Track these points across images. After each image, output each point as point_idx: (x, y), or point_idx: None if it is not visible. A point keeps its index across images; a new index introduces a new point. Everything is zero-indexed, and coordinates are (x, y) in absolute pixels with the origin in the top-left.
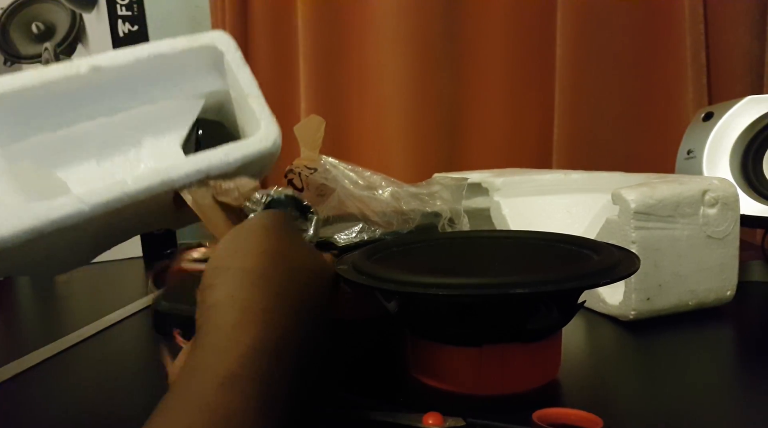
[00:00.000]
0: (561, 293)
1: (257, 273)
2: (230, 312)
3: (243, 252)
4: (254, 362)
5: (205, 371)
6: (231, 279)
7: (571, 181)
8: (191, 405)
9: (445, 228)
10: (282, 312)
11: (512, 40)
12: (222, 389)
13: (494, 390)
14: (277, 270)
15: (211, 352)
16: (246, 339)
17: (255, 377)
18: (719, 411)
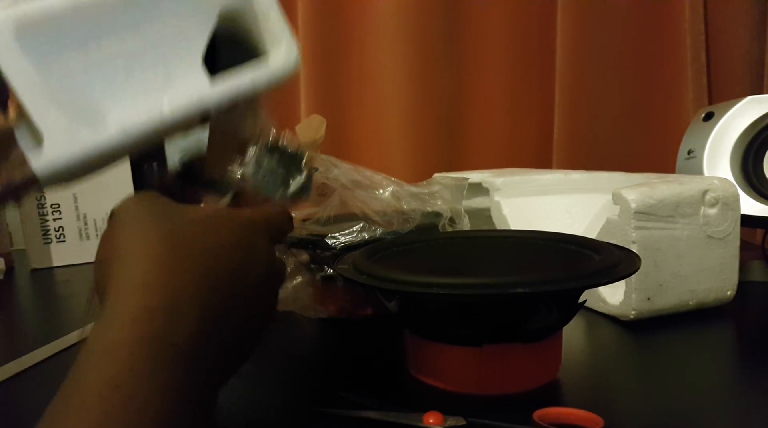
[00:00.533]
0: (561, 293)
1: (137, 250)
2: (115, 292)
3: (119, 238)
4: (140, 324)
5: (90, 346)
6: (111, 266)
7: (572, 180)
8: (75, 385)
9: (446, 228)
10: (164, 278)
11: (512, 40)
12: (105, 357)
13: (495, 390)
14: (161, 242)
15: (97, 329)
16: (128, 308)
17: (136, 340)
18: (719, 410)
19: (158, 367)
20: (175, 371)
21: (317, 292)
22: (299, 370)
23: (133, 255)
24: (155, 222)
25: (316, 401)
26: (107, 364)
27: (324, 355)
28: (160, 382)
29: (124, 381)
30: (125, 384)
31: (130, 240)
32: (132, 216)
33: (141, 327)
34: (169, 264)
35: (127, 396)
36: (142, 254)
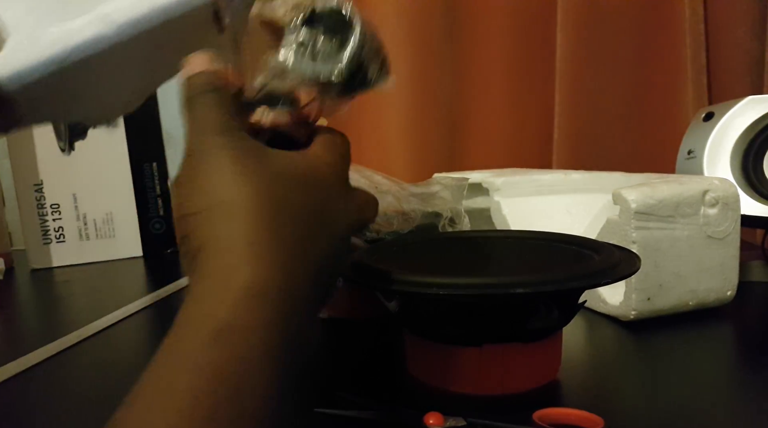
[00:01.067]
0: (561, 293)
1: (236, 205)
2: (215, 255)
3: (209, 188)
4: (248, 308)
5: (194, 322)
6: (205, 221)
7: (572, 180)
8: (177, 364)
9: (446, 228)
10: (274, 245)
11: (512, 40)
12: (212, 343)
13: (494, 390)
14: (258, 201)
15: (200, 303)
16: (236, 283)
17: (249, 326)
18: (720, 410)
19: (268, 356)
20: (282, 357)
21: None
22: (299, 370)
23: (235, 212)
24: (250, 168)
25: (315, 401)
26: (218, 351)
27: (324, 355)
28: (268, 372)
29: (234, 372)
30: (235, 376)
31: (227, 190)
32: (222, 158)
33: (254, 313)
34: (276, 228)
35: (234, 389)
36: (245, 211)
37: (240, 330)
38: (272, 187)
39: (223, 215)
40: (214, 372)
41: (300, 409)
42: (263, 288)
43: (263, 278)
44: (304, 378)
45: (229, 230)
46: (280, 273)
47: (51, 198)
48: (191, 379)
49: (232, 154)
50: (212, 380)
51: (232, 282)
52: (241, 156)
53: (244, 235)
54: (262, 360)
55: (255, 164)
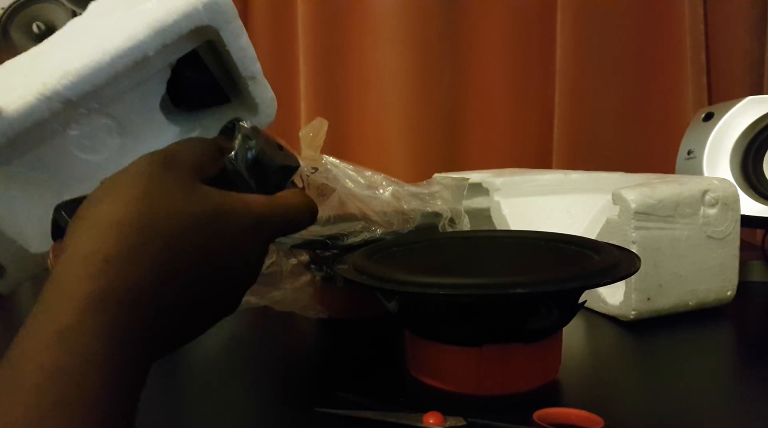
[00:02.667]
0: (561, 293)
1: (107, 222)
2: (72, 263)
3: (106, 198)
4: (91, 313)
5: (39, 325)
6: (81, 228)
7: (571, 181)
8: (22, 362)
9: (446, 228)
10: (134, 262)
11: (512, 40)
12: (53, 342)
13: (495, 390)
14: (135, 218)
15: (46, 305)
16: (82, 291)
17: (89, 331)
18: (719, 411)
19: (110, 358)
20: (125, 359)
21: (317, 292)
22: (299, 370)
23: (107, 228)
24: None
25: (315, 401)
26: (59, 351)
27: (324, 355)
28: (111, 370)
29: (76, 368)
30: (76, 371)
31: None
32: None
33: (96, 320)
34: (134, 257)
35: (76, 383)
36: (110, 237)
37: (81, 333)
38: (155, 213)
39: (92, 230)
40: (56, 369)
41: (300, 409)
42: (105, 300)
43: (107, 291)
44: (304, 378)
45: (93, 243)
46: (126, 290)
47: None
48: (35, 376)
49: (137, 177)
50: (55, 376)
51: (78, 290)
52: (145, 179)
53: (103, 252)
54: (104, 360)
55: (154, 188)
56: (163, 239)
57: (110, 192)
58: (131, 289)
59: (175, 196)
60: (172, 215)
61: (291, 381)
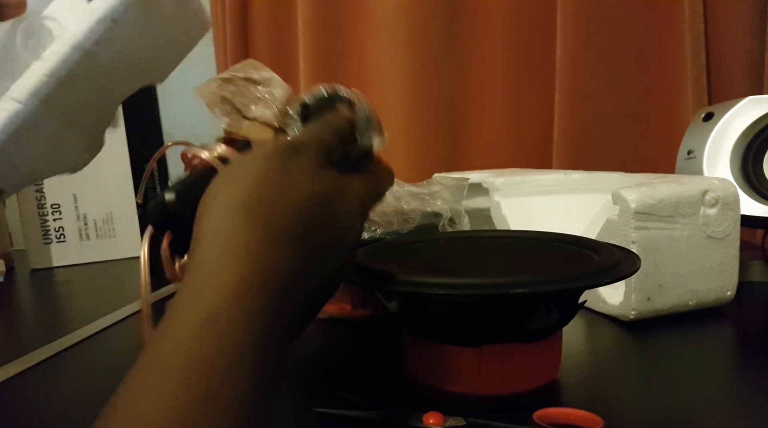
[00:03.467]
0: (561, 293)
1: (244, 203)
2: (213, 247)
3: (234, 182)
4: (237, 300)
5: (185, 312)
6: (217, 210)
7: (571, 181)
8: (170, 350)
9: (446, 228)
10: (271, 244)
11: (512, 40)
12: (201, 331)
13: (495, 390)
14: (269, 199)
15: (192, 292)
16: (228, 276)
17: (237, 317)
18: (720, 411)
19: (255, 347)
20: (270, 348)
21: None
22: (298, 370)
23: (244, 211)
24: (277, 186)
25: (315, 401)
26: (207, 339)
27: (323, 355)
28: (257, 362)
29: (223, 358)
30: (224, 362)
31: (240, 201)
32: (254, 167)
33: (243, 307)
34: (278, 235)
35: (223, 375)
36: (248, 219)
37: (229, 320)
38: (285, 194)
39: (229, 211)
40: (205, 359)
41: (300, 409)
42: (252, 285)
43: (254, 275)
44: (304, 378)
45: (233, 227)
46: (272, 274)
47: (51, 198)
48: (184, 364)
49: (266, 159)
50: (203, 367)
51: (225, 275)
52: (274, 162)
53: (243, 236)
54: (250, 350)
55: (282, 171)
56: (297, 219)
57: (240, 175)
58: (275, 272)
59: (303, 178)
60: (302, 198)
61: (291, 381)
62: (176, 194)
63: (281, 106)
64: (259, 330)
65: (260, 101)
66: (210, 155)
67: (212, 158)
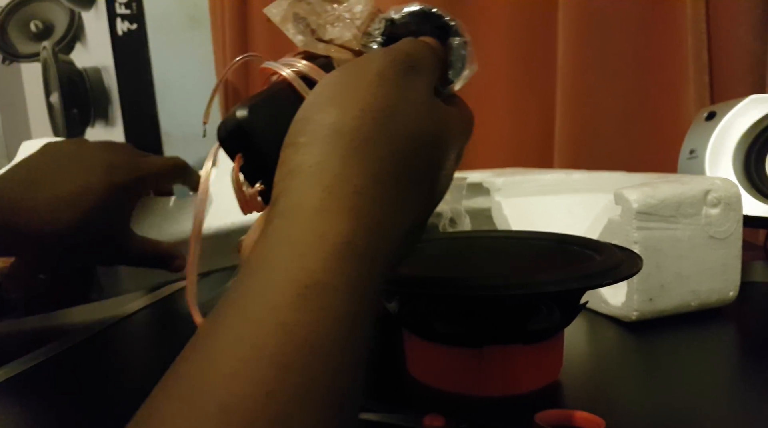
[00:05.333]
0: (563, 294)
1: (355, 138)
2: (314, 188)
3: (341, 104)
4: (342, 265)
5: (281, 273)
6: (320, 140)
7: (573, 180)
8: (264, 320)
9: (447, 228)
10: (385, 192)
11: (513, 39)
12: (300, 301)
13: (495, 392)
14: (386, 133)
15: (287, 246)
16: (334, 233)
17: (340, 285)
18: (722, 412)
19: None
20: (360, 322)
21: None
22: None
23: (356, 148)
24: (391, 119)
25: None
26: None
27: None
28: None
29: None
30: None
31: (361, 119)
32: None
33: (345, 272)
34: (389, 182)
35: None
36: (366, 151)
37: (331, 289)
38: (400, 131)
39: (336, 146)
40: (303, 338)
41: None
42: (356, 248)
43: (358, 237)
44: None
45: (341, 165)
46: (375, 235)
47: None
48: (279, 345)
49: (380, 79)
50: (301, 347)
51: (330, 231)
52: (387, 84)
53: (353, 180)
54: (349, 325)
55: (395, 97)
56: (411, 159)
57: (350, 94)
58: (385, 228)
59: (420, 110)
60: (417, 132)
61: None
62: (249, 109)
63: (362, 25)
64: (357, 304)
65: (338, 20)
66: (290, 72)
67: (294, 77)
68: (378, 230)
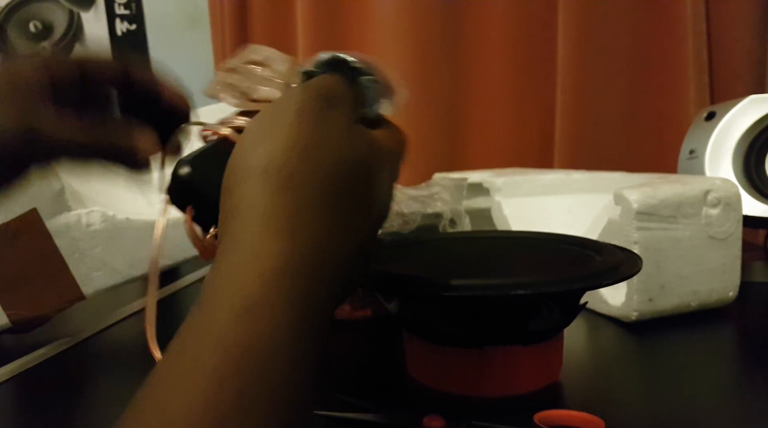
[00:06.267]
0: (563, 294)
1: (283, 175)
2: (251, 222)
3: (266, 146)
4: (278, 284)
5: (220, 297)
6: (251, 182)
7: (573, 180)
8: (202, 339)
9: (447, 228)
10: (313, 218)
11: (513, 39)
12: (239, 320)
13: (495, 392)
14: (309, 165)
15: (228, 274)
16: (267, 257)
17: (276, 304)
18: (722, 412)
19: (293, 336)
20: (308, 338)
21: None
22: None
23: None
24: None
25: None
26: (243, 328)
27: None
28: (294, 352)
29: (261, 352)
30: (261, 356)
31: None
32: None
33: (283, 291)
34: (321, 206)
35: (260, 371)
36: (294, 182)
37: (268, 306)
38: (327, 161)
39: (267, 183)
40: (240, 351)
41: None
42: (294, 266)
43: (295, 255)
44: None
45: (271, 199)
46: (313, 253)
47: None
48: (216, 358)
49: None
50: (238, 360)
51: (265, 256)
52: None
53: (285, 211)
54: (288, 339)
55: (319, 130)
56: (337, 185)
57: (273, 134)
58: (316, 251)
59: (342, 139)
60: (342, 160)
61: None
62: (191, 165)
63: (285, 80)
64: (298, 320)
65: (265, 81)
66: (228, 128)
67: (231, 132)
68: (317, 249)
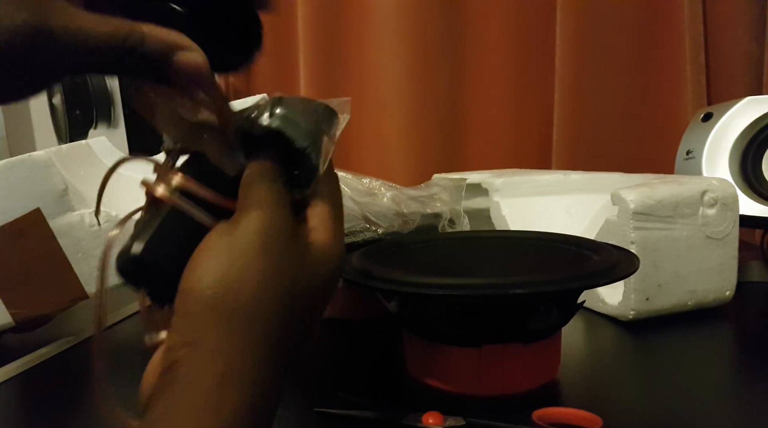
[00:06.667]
0: (560, 293)
1: (250, 317)
2: (213, 364)
3: (233, 285)
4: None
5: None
6: (215, 323)
7: (571, 181)
8: None
9: (446, 228)
10: (275, 358)
11: (512, 40)
12: None
13: (494, 390)
14: (276, 305)
15: (188, 413)
16: (232, 401)
17: (225, 409)
18: (718, 410)
19: None
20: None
21: None
22: (298, 370)
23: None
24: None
25: (315, 401)
26: None
27: (323, 355)
28: None
29: None
30: None
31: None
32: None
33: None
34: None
35: None
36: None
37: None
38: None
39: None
40: None
41: (300, 409)
42: (254, 406)
43: (256, 397)
44: (304, 379)
45: (238, 342)
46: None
47: None
48: None
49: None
50: None
51: (227, 398)
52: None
53: (251, 351)
54: None
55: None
56: (290, 319)
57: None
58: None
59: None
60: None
61: (290, 382)
62: (144, 244)
63: None
64: None
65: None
66: (167, 190)
67: (170, 196)
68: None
